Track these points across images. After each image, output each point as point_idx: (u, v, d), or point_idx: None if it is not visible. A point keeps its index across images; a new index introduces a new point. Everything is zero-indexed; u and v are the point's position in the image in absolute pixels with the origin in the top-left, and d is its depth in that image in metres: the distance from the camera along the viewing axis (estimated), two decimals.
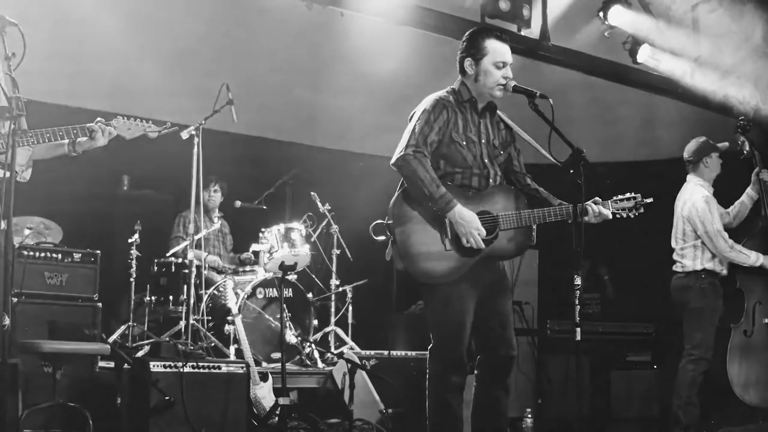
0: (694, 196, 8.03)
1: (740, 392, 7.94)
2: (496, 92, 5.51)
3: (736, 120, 8.62)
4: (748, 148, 8.36)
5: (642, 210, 5.69)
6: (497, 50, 5.48)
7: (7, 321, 4.18)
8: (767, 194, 8.28)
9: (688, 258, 7.99)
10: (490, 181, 5.54)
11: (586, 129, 12.06)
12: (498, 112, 5.69)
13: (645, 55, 10.04)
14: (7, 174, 4.71)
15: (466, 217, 5.25)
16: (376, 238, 5.45)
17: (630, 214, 5.64)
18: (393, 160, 5.37)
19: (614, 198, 5.59)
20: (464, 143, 5.46)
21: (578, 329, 5.18)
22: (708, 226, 7.88)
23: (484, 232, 5.30)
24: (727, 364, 7.96)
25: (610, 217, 5.56)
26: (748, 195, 8.38)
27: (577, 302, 5.21)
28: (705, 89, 10.28)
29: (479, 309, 5.50)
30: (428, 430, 5.54)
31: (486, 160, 5.53)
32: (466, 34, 5.62)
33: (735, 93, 10.26)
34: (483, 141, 5.55)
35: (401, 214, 5.35)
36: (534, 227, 5.62)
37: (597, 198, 5.53)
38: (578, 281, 5.16)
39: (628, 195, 5.68)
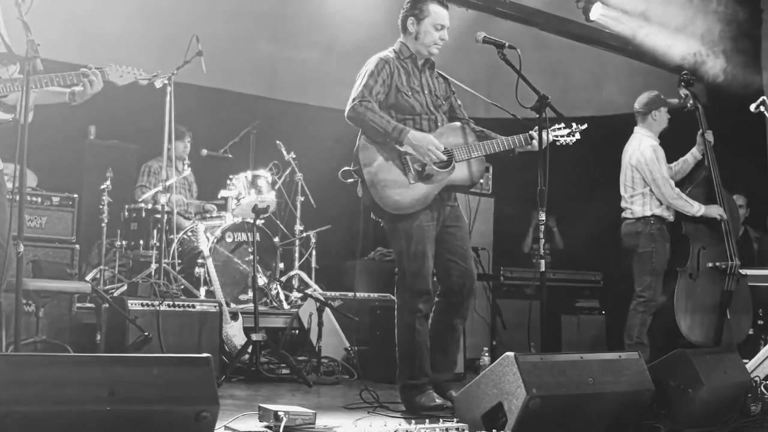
0: (642, 146, 8.28)
1: (687, 332, 8.26)
2: (433, 50, 6.07)
3: (680, 75, 8.99)
4: (691, 102, 8.71)
5: (578, 136, 6.23)
6: (438, 13, 6.00)
7: (21, 248, 4.44)
8: (710, 150, 8.65)
9: (637, 204, 8.25)
10: (439, 125, 6.06)
11: (536, 84, 12.45)
12: (436, 70, 6.24)
13: (597, 13, 10.29)
14: (8, 116, 4.98)
15: (419, 137, 5.78)
16: (345, 181, 5.85)
17: (567, 140, 6.10)
18: (345, 113, 5.88)
19: (552, 126, 6.04)
20: (409, 93, 5.99)
21: (542, 261, 5.54)
22: (655, 174, 8.14)
23: (441, 146, 5.80)
24: (675, 306, 8.28)
25: (550, 140, 6.02)
26: (693, 155, 8.72)
27: (541, 236, 5.55)
28: (654, 47, 10.63)
29: (441, 243, 6.04)
30: (398, 356, 5.98)
31: (432, 108, 6.07)
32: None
33: (683, 50, 10.62)
34: (426, 92, 6.09)
35: (365, 157, 5.84)
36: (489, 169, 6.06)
37: (536, 127, 5.96)
38: (542, 216, 5.52)
39: (559, 126, 6.15)
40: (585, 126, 6.18)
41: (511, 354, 4.44)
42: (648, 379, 4.86)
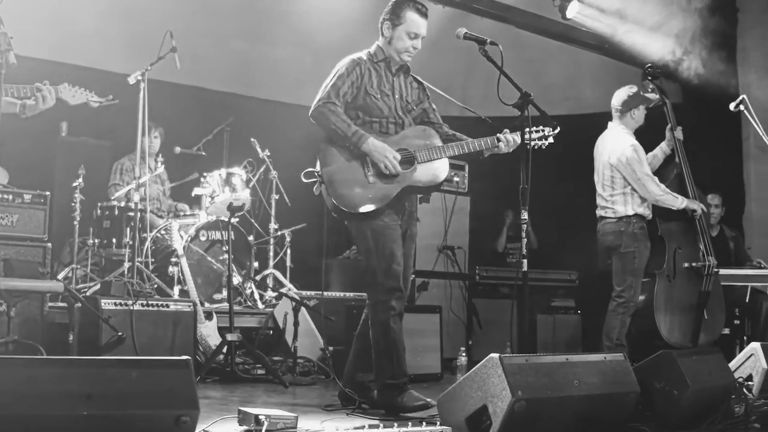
0: (622, 144, 8.15)
1: (666, 335, 8.26)
2: (404, 57, 6.05)
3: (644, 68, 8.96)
4: (658, 96, 8.68)
5: (551, 140, 6.13)
6: (414, 22, 5.95)
7: None
8: (680, 146, 8.63)
9: (619, 204, 8.13)
10: (405, 128, 6.06)
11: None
12: (412, 74, 6.22)
13: (574, 11, 10.29)
14: None
15: (378, 145, 5.77)
16: (306, 181, 5.83)
17: (539, 143, 6.04)
18: (310, 112, 5.88)
19: (525, 129, 5.89)
20: (378, 96, 5.98)
21: (525, 261, 5.48)
22: (639, 173, 8.03)
23: (398, 156, 5.79)
24: (654, 309, 8.27)
25: (519, 142, 5.95)
26: (662, 149, 8.70)
27: (523, 235, 5.50)
28: (631, 46, 10.62)
29: None
30: (373, 355, 5.93)
31: (400, 112, 6.06)
32: (391, 1, 6.05)
33: (659, 48, 10.62)
34: (397, 96, 6.07)
35: (325, 158, 5.86)
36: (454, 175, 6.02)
37: (506, 130, 6.04)
38: (525, 215, 5.46)
39: (536, 128, 6.05)
40: (558, 130, 6.10)
41: (495, 355, 4.37)
42: (634, 381, 4.81)
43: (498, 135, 5.99)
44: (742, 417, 5.44)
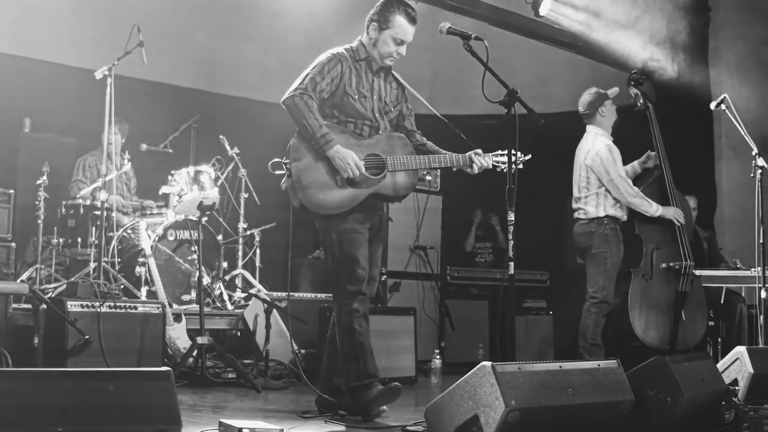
0: (597, 146, 8.14)
1: (641, 334, 8.19)
2: (386, 62, 5.90)
3: (629, 73, 8.91)
4: (642, 101, 8.62)
5: (521, 165, 5.95)
6: (401, 27, 5.79)
7: None
8: (660, 143, 8.57)
9: (591, 205, 8.11)
10: (380, 131, 5.93)
11: (479, 80, 12.31)
12: (393, 72, 6.07)
13: (547, 9, 10.19)
14: None
15: (342, 152, 5.62)
16: (273, 172, 5.69)
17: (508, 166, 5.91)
18: (282, 99, 5.71)
19: (496, 152, 5.91)
20: (356, 96, 5.83)
21: (511, 264, 5.34)
22: (612, 174, 8.01)
23: (361, 165, 5.65)
24: (629, 308, 8.20)
25: (490, 166, 5.91)
26: (633, 167, 8.69)
27: (510, 237, 5.37)
28: (604, 44, 10.55)
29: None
30: (341, 356, 5.82)
31: (377, 114, 5.92)
32: (380, 2, 5.87)
33: (632, 47, 10.56)
34: (375, 97, 5.93)
35: (297, 152, 5.69)
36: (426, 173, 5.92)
37: (479, 150, 5.93)
38: (511, 217, 5.34)
39: (503, 152, 5.93)
40: (529, 156, 5.98)
41: (488, 364, 4.20)
42: (628, 389, 4.66)
43: (471, 155, 5.89)
44: (732, 423, 5.34)
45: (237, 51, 11.15)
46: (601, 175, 8.06)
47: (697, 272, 8.45)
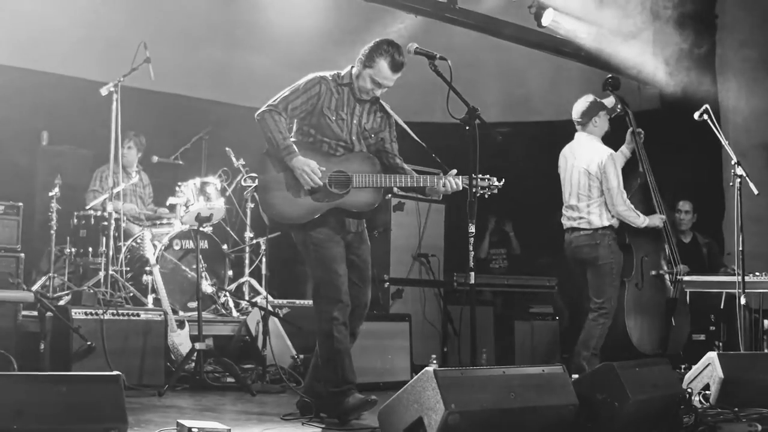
0: (600, 153, 8.18)
1: (637, 342, 8.35)
2: (363, 96, 6.12)
3: (606, 78, 9.02)
4: (620, 106, 8.74)
5: (495, 191, 6.12)
6: (382, 72, 6.00)
7: None
8: (642, 150, 8.69)
9: (595, 215, 8.15)
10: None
11: (494, 89, 12.49)
12: (381, 101, 6.26)
13: (549, 19, 10.29)
14: None
15: (301, 162, 5.88)
16: (244, 185, 5.98)
17: (483, 191, 6.07)
18: (255, 114, 6.04)
19: (472, 175, 5.81)
20: (333, 118, 6.07)
21: (472, 273, 5.54)
22: (612, 183, 8.05)
23: (318, 173, 5.88)
24: (625, 315, 8.35)
25: (460, 188, 6.03)
26: (623, 153, 8.75)
27: (471, 249, 5.57)
28: (606, 53, 10.66)
29: (348, 266, 6.13)
30: (320, 362, 6.07)
31: (353, 137, 6.15)
32: (375, 41, 6.08)
33: (636, 55, 10.67)
34: (354, 121, 6.15)
35: (264, 166, 6.04)
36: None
37: (454, 170, 6.07)
38: (472, 229, 5.52)
39: (483, 176, 6.03)
40: (503, 182, 6.12)
41: (430, 369, 4.44)
42: (572, 394, 4.87)
43: (442, 177, 6.05)
44: (691, 427, 5.50)
45: (249, 62, 11.34)
46: (603, 183, 8.10)
47: (686, 278, 8.58)
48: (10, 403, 3.61)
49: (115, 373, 3.90)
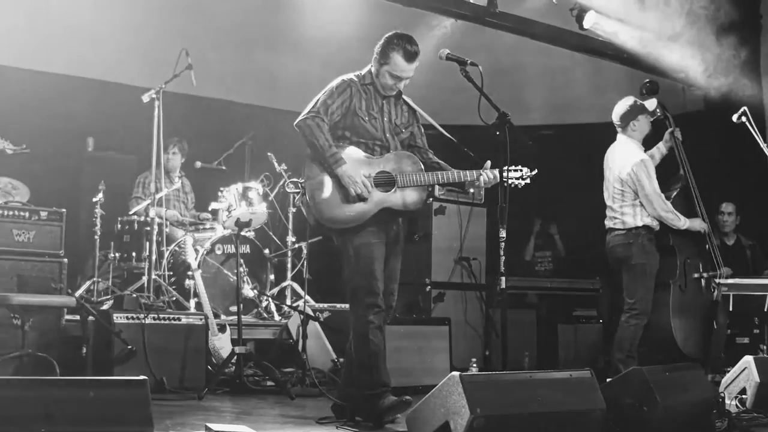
0: (632, 159, 8.10)
1: (682, 344, 8.27)
2: (388, 92, 6.17)
3: (643, 83, 8.97)
4: (659, 110, 8.69)
5: (528, 180, 6.20)
6: (398, 65, 6.04)
7: None
8: (682, 152, 8.64)
9: (629, 216, 8.09)
10: (390, 151, 6.18)
11: (537, 91, 12.48)
12: (404, 96, 6.30)
13: (591, 22, 10.23)
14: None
15: (349, 172, 5.90)
16: (289, 192, 5.99)
17: (517, 182, 6.10)
18: (295, 122, 6.02)
19: (504, 168, 5.91)
20: (366, 118, 6.11)
21: (503, 278, 5.58)
22: (647, 189, 7.97)
23: (368, 183, 5.94)
24: (671, 318, 8.28)
25: (498, 179, 5.97)
26: (659, 149, 8.70)
27: (501, 253, 5.58)
28: (650, 56, 10.59)
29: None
30: (356, 365, 6.07)
31: (387, 135, 6.18)
32: (384, 36, 6.13)
33: (679, 58, 10.59)
34: (385, 118, 6.19)
35: (310, 171, 6.01)
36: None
37: (488, 162, 6.11)
38: (503, 234, 5.55)
39: (515, 167, 6.14)
40: (536, 171, 6.17)
41: (456, 374, 4.47)
42: (600, 398, 4.86)
43: (480, 171, 6.08)
44: (724, 431, 5.48)
45: (292, 67, 11.40)
46: (638, 189, 8.04)
47: (727, 281, 8.52)
48: (39, 406, 3.68)
49: (142, 377, 3.96)
